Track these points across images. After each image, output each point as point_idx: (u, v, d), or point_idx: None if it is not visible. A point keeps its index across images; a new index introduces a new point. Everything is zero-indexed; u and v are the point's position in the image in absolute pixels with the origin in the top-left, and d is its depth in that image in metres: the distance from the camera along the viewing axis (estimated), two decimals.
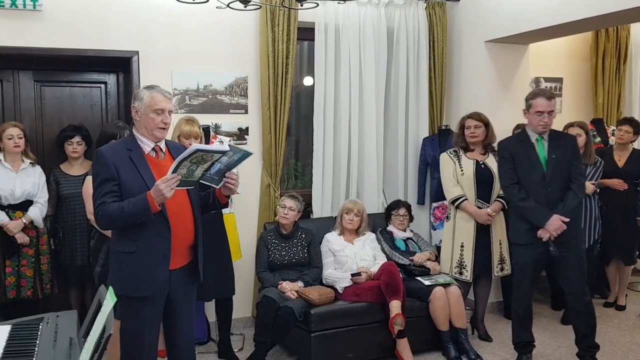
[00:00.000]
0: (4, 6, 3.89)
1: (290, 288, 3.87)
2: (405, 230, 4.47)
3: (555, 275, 3.86)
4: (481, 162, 4.19)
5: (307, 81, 5.10)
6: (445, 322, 4.00)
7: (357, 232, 4.32)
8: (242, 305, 4.57)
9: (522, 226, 3.68)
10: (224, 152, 2.53)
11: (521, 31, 4.52)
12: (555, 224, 3.54)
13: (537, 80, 5.53)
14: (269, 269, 4.06)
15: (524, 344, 3.85)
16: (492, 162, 4.20)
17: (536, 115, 3.60)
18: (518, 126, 4.77)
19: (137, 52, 4.26)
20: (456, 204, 4.17)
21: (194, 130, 3.75)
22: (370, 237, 4.34)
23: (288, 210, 4.11)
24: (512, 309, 3.91)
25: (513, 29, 4.58)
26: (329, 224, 4.45)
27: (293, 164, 5.21)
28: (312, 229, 4.30)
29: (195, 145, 2.47)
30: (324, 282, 4.12)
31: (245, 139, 4.61)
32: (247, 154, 2.62)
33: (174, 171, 2.47)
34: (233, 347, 4.11)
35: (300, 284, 3.96)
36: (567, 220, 3.54)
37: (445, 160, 4.26)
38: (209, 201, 2.82)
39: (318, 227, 4.41)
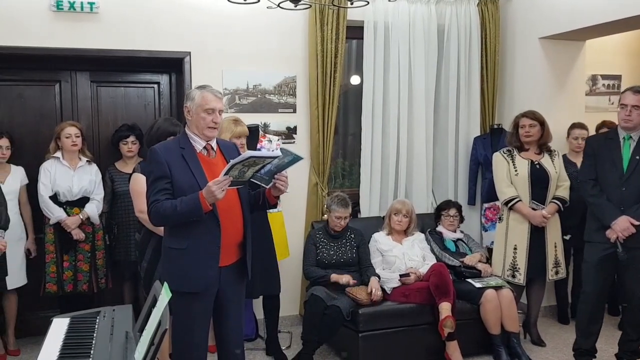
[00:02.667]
0: (62, 9, 4.03)
1: (345, 281, 3.85)
2: (455, 231, 4.39)
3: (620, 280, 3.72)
4: (536, 162, 4.07)
5: (355, 80, 5.08)
6: (496, 326, 3.91)
7: (405, 232, 4.27)
8: (290, 303, 4.59)
9: (593, 224, 3.61)
10: (275, 157, 2.56)
11: (577, 27, 4.38)
12: (623, 224, 3.42)
13: (594, 78, 5.34)
14: (316, 267, 4.04)
15: (582, 351, 3.73)
16: (547, 162, 4.08)
17: (620, 108, 3.54)
18: (573, 125, 4.63)
19: (189, 53, 4.33)
20: (510, 205, 4.06)
21: (245, 130, 3.81)
22: (419, 237, 4.29)
23: (343, 220, 4.07)
24: (577, 312, 3.81)
25: (569, 25, 4.44)
26: (377, 223, 4.41)
27: (340, 163, 5.20)
28: (359, 229, 4.26)
29: (249, 152, 2.50)
30: None
31: (294, 138, 4.63)
32: (297, 158, 2.63)
33: (226, 173, 2.50)
34: (280, 345, 4.13)
35: (348, 279, 3.90)
36: (638, 223, 3.40)
37: (499, 160, 4.15)
38: (258, 201, 2.84)
39: (366, 226, 4.37)
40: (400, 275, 4.01)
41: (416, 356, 3.92)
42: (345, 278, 3.87)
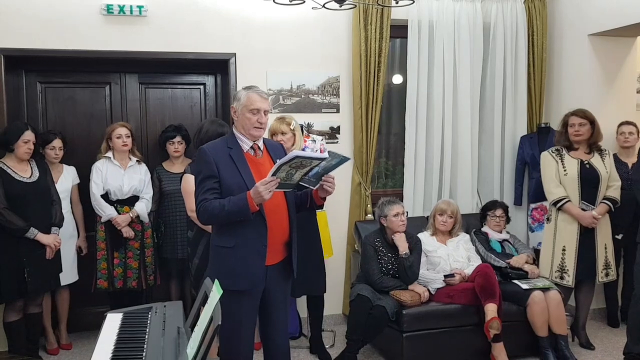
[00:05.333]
0: (112, 13, 4.14)
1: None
2: (501, 232, 4.33)
3: None
4: (586, 162, 3.98)
5: (397, 79, 5.06)
6: (544, 328, 3.83)
7: (450, 233, 4.23)
8: (333, 302, 4.61)
9: None
10: (322, 159, 2.56)
11: (629, 23, 4.26)
12: None
13: None
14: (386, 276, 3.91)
15: (633, 356, 3.62)
16: (597, 161, 3.98)
17: None
18: (621, 123, 4.51)
19: (234, 54, 4.39)
20: (558, 205, 3.99)
21: (278, 127, 3.86)
22: (464, 238, 4.24)
23: (402, 216, 3.94)
24: (629, 315, 3.70)
25: (620, 22, 4.33)
26: (421, 224, 4.38)
27: (384, 163, 5.18)
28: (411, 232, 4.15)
29: (295, 152, 2.51)
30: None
31: (337, 138, 4.64)
32: (344, 159, 2.64)
33: (274, 174, 2.52)
34: (324, 344, 4.14)
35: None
36: None
37: (547, 159, 4.08)
38: (306, 203, 2.86)
39: (409, 227, 4.32)
40: (445, 276, 3.98)
41: (461, 357, 3.88)
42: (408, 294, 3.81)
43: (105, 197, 4.09)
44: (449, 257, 4.09)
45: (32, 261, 3.68)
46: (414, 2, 3.49)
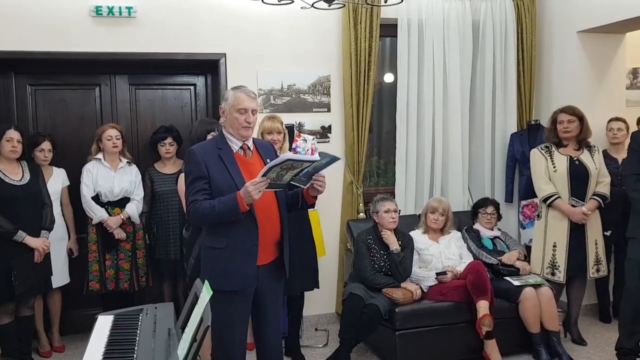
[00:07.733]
0: (102, 14, 4.13)
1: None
2: (492, 229, 4.35)
3: None
4: (575, 158, 4.00)
5: (388, 78, 5.07)
6: (536, 324, 3.85)
7: (442, 230, 4.24)
8: (326, 301, 4.62)
9: (637, 220, 3.51)
10: (313, 161, 2.57)
11: (617, 20, 4.29)
12: None
13: (634, 72, 5.21)
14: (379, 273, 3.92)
15: (625, 351, 3.64)
16: (587, 158, 4.00)
17: None
18: (611, 119, 4.54)
19: (225, 55, 4.39)
20: (548, 202, 4.01)
21: (275, 126, 3.80)
22: (455, 235, 4.25)
23: (393, 213, 3.98)
24: (620, 311, 3.72)
25: (608, 18, 4.35)
26: (413, 221, 4.40)
27: (375, 162, 5.19)
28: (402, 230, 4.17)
29: (287, 154, 2.52)
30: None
31: (328, 137, 4.64)
32: (334, 159, 2.65)
33: (264, 175, 2.53)
34: (317, 343, 4.17)
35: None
36: None
37: (537, 156, 4.10)
38: (296, 201, 2.87)
39: (401, 225, 4.33)
40: (437, 274, 3.99)
41: (454, 355, 3.89)
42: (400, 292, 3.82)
43: (96, 199, 4.08)
44: (441, 255, 4.11)
45: (19, 264, 3.64)
46: (402, 1, 3.50)
